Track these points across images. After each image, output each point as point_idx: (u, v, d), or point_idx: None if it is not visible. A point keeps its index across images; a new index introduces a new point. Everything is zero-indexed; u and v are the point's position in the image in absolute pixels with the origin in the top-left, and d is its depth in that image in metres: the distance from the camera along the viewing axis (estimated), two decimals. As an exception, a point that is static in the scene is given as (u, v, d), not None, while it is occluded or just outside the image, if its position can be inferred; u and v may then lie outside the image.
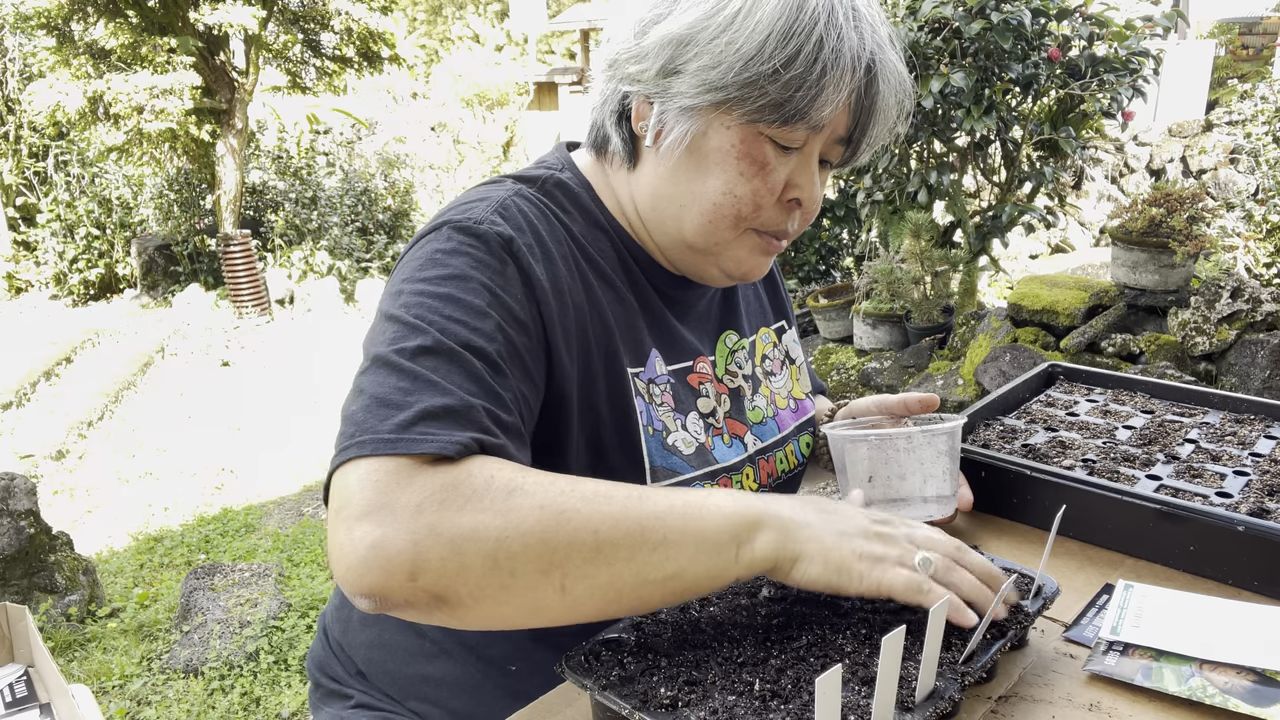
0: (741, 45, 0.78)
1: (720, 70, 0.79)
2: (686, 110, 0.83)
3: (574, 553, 0.66)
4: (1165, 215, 3.63)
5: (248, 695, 2.58)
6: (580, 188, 0.94)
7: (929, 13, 3.79)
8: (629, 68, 0.84)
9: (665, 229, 0.91)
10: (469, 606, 0.66)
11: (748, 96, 0.79)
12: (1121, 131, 7.77)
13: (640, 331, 0.93)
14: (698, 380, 0.98)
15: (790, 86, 0.78)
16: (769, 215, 0.88)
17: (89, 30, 6.78)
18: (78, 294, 8.56)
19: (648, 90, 0.84)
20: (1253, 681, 0.73)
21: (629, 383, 0.89)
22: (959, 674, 0.68)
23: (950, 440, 0.95)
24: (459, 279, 0.78)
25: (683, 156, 0.85)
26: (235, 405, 5.61)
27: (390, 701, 1.03)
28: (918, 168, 4.40)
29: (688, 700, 0.65)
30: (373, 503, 0.65)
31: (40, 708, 1.38)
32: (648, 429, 0.89)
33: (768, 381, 1.08)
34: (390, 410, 0.69)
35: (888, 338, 4.69)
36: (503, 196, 0.86)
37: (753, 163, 0.84)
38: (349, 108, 10.36)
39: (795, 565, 0.71)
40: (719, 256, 0.91)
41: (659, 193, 0.89)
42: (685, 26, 0.80)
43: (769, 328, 1.13)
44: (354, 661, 1.06)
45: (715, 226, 0.87)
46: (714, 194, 0.85)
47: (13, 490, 2.92)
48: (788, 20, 0.77)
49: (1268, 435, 1.14)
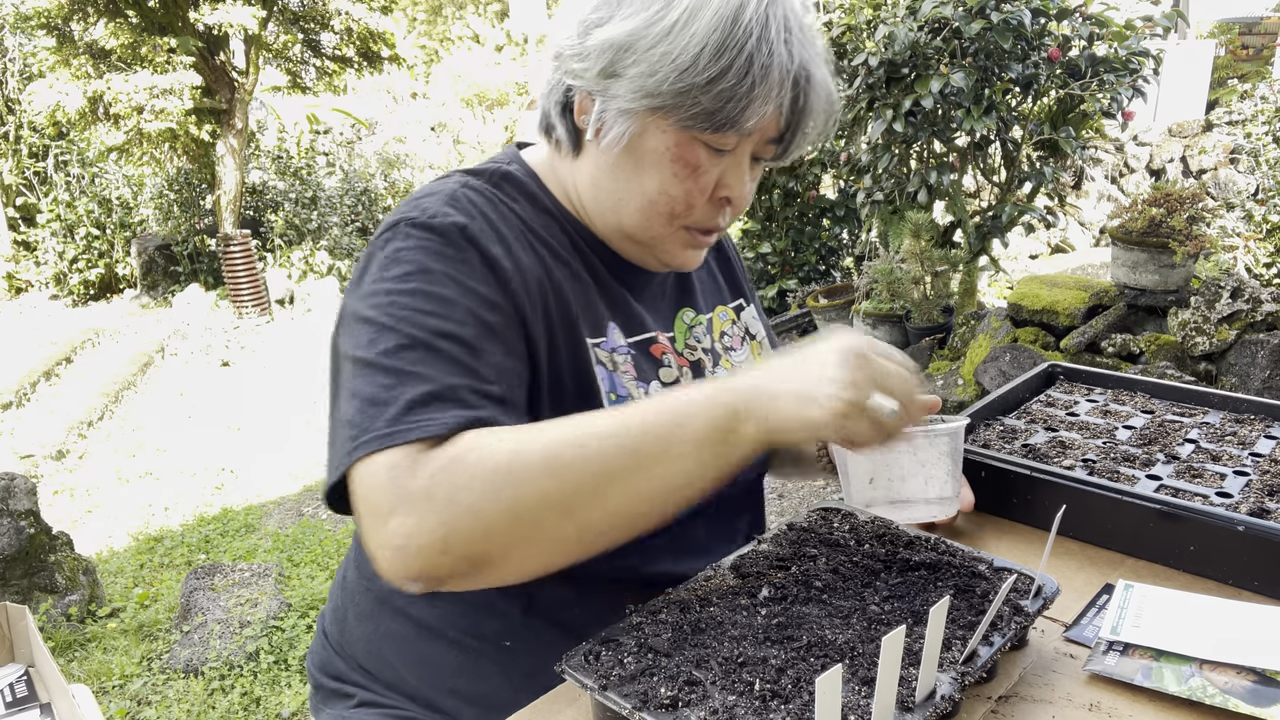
0: (677, 57, 0.81)
1: (657, 79, 0.82)
2: (625, 112, 0.86)
3: (580, 490, 0.72)
4: (1165, 215, 3.63)
5: (248, 695, 2.58)
6: (526, 177, 0.98)
7: (929, 13, 3.79)
8: (572, 64, 0.88)
9: (605, 218, 0.96)
10: (500, 562, 0.72)
11: (682, 105, 0.83)
12: (1121, 131, 7.77)
13: (597, 305, 0.97)
14: (660, 351, 1.02)
15: (721, 98, 0.82)
16: (701, 213, 0.92)
17: (89, 30, 6.78)
18: (78, 294, 8.56)
19: (589, 87, 0.87)
20: (1253, 681, 0.73)
21: (589, 353, 0.93)
22: (959, 674, 0.68)
23: (952, 441, 0.95)
24: (423, 273, 0.82)
25: (621, 154, 0.89)
26: (235, 405, 5.61)
27: (393, 695, 1.03)
28: (918, 168, 4.40)
29: (688, 700, 0.65)
30: (391, 497, 0.71)
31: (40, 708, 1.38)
32: (610, 395, 0.93)
33: (728, 356, 1.12)
34: (380, 408, 0.75)
35: (888, 338, 4.69)
36: (452, 188, 0.91)
37: (686, 165, 0.88)
38: (349, 108, 10.36)
39: (778, 435, 0.74)
40: (654, 248, 0.97)
41: (599, 184, 0.94)
42: (625, 34, 0.83)
43: (726, 305, 1.17)
44: (355, 658, 1.07)
45: (651, 222, 0.92)
46: (650, 192, 0.90)
47: (13, 490, 2.92)
48: (722, 35, 0.80)
49: (1268, 435, 1.14)
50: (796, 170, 5.45)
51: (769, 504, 3.78)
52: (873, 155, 4.29)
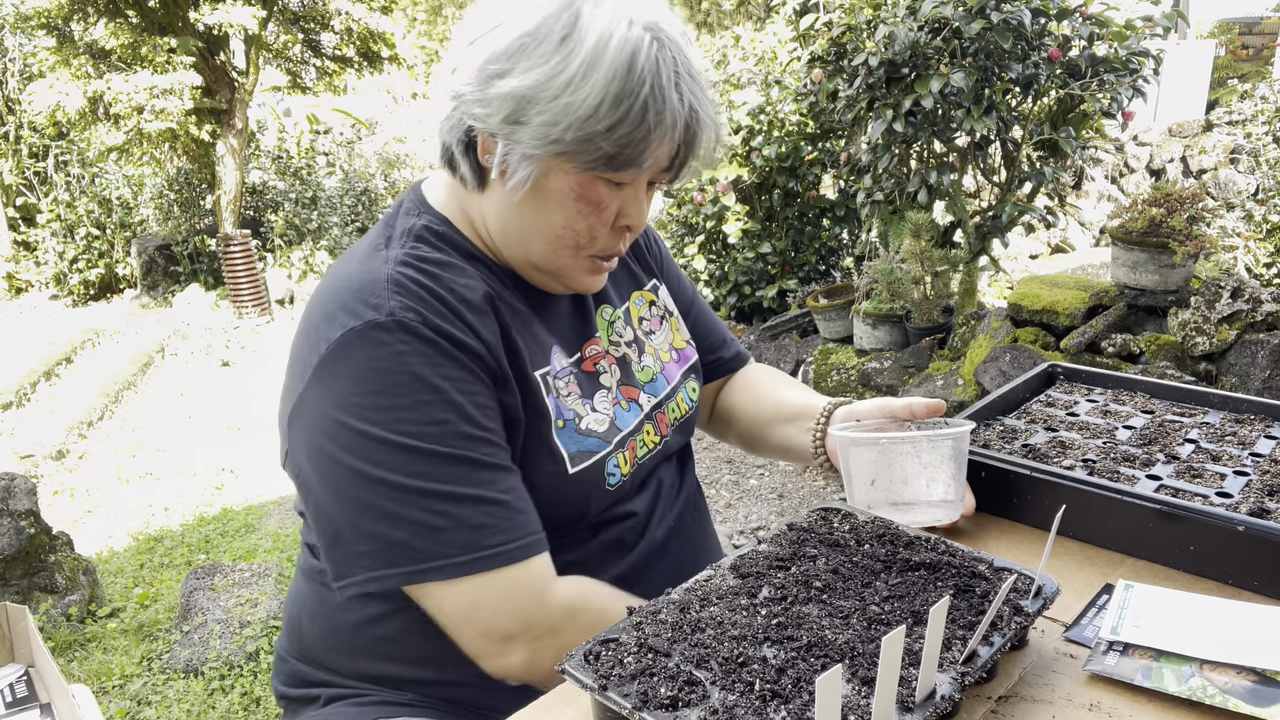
0: (577, 108, 0.86)
1: (560, 128, 0.87)
2: (528, 156, 0.90)
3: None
4: (1165, 215, 3.63)
5: (248, 695, 2.58)
6: (441, 225, 1.02)
7: (929, 13, 3.78)
8: (474, 109, 0.91)
9: (512, 251, 1.01)
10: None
11: (583, 150, 0.89)
12: (1121, 131, 7.76)
13: (539, 334, 1.02)
14: (593, 362, 1.08)
15: (620, 143, 0.88)
16: (604, 242, 0.99)
17: (89, 30, 6.77)
18: (78, 294, 8.55)
19: (492, 130, 0.91)
20: (1253, 681, 0.73)
21: (538, 384, 0.99)
22: (959, 674, 0.68)
23: (956, 445, 0.95)
24: (413, 381, 0.88)
25: (527, 195, 0.94)
26: (235, 405, 5.61)
27: (358, 683, 1.06)
28: (918, 168, 4.40)
29: (688, 700, 0.65)
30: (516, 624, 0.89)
31: (40, 708, 1.38)
32: (558, 422, 0.99)
33: (649, 340, 1.18)
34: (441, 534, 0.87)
35: (888, 338, 4.69)
36: (389, 273, 0.93)
37: (588, 203, 0.94)
38: (349, 108, 10.36)
39: None
40: (560, 276, 1.02)
41: (505, 220, 0.98)
42: (528, 87, 0.87)
43: (641, 290, 1.22)
44: (315, 659, 1.09)
45: (558, 254, 0.98)
46: (555, 228, 0.95)
47: (13, 490, 2.92)
48: (619, 84, 0.86)
49: (1268, 435, 1.14)
50: (797, 170, 5.45)
51: (769, 504, 3.78)
52: (873, 155, 4.29)
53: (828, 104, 4.47)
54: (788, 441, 1.22)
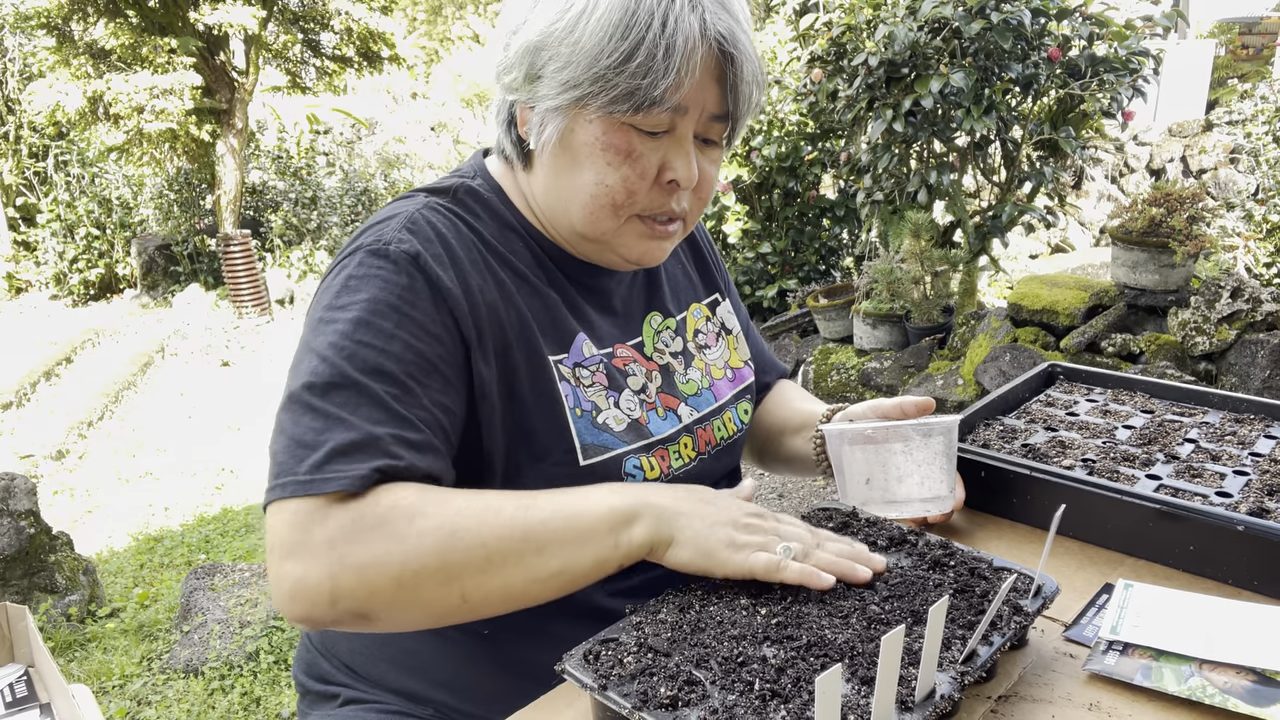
0: (585, 43, 0.83)
1: (571, 69, 0.84)
2: (552, 111, 0.88)
3: (468, 567, 0.76)
4: (1165, 215, 3.63)
5: (248, 695, 2.58)
6: (490, 192, 0.99)
7: (929, 13, 3.78)
8: (504, 78, 0.90)
9: (560, 223, 0.97)
10: (383, 619, 0.77)
11: (600, 91, 0.84)
12: (1121, 131, 7.76)
13: (564, 321, 0.98)
14: (622, 363, 1.03)
15: (635, 75, 0.83)
16: (647, 199, 0.92)
17: (89, 30, 6.77)
18: (78, 294, 8.56)
19: (523, 97, 0.90)
20: (1252, 681, 0.73)
21: (551, 369, 0.95)
22: (959, 673, 0.68)
23: (947, 440, 0.95)
24: (368, 302, 0.84)
25: (558, 154, 0.91)
26: (235, 405, 5.61)
27: (377, 690, 1.04)
28: (918, 168, 4.40)
29: (688, 700, 0.65)
30: (293, 542, 0.75)
31: (40, 708, 1.38)
32: (575, 410, 0.95)
33: (702, 355, 1.13)
34: (305, 450, 0.78)
35: (888, 338, 4.69)
36: (411, 211, 0.92)
37: (618, 152, 0.88)
38: (349, 108, 10.36)
39: (669, 549, 0.81)
40: (610, 244, 0.96)
41: (549, 190, 0.95)
42: (538, 33, 0.86)
43: (700, 303, 1.18)
44: (338, 657, 1.08)
45: (597, 216, 0.92)
46: (589, 186, 0.91)
47: (13, 490, 2.92)
48: (625, 14, 0.82)
49: (1267, 435, 1.14)
50: (797, 170, 5.45)
51: (769, 504, 3.78)
52: (873, 155, 4.29)
53: (827, 104, 4.47)
54: (793, 452, 1.22)
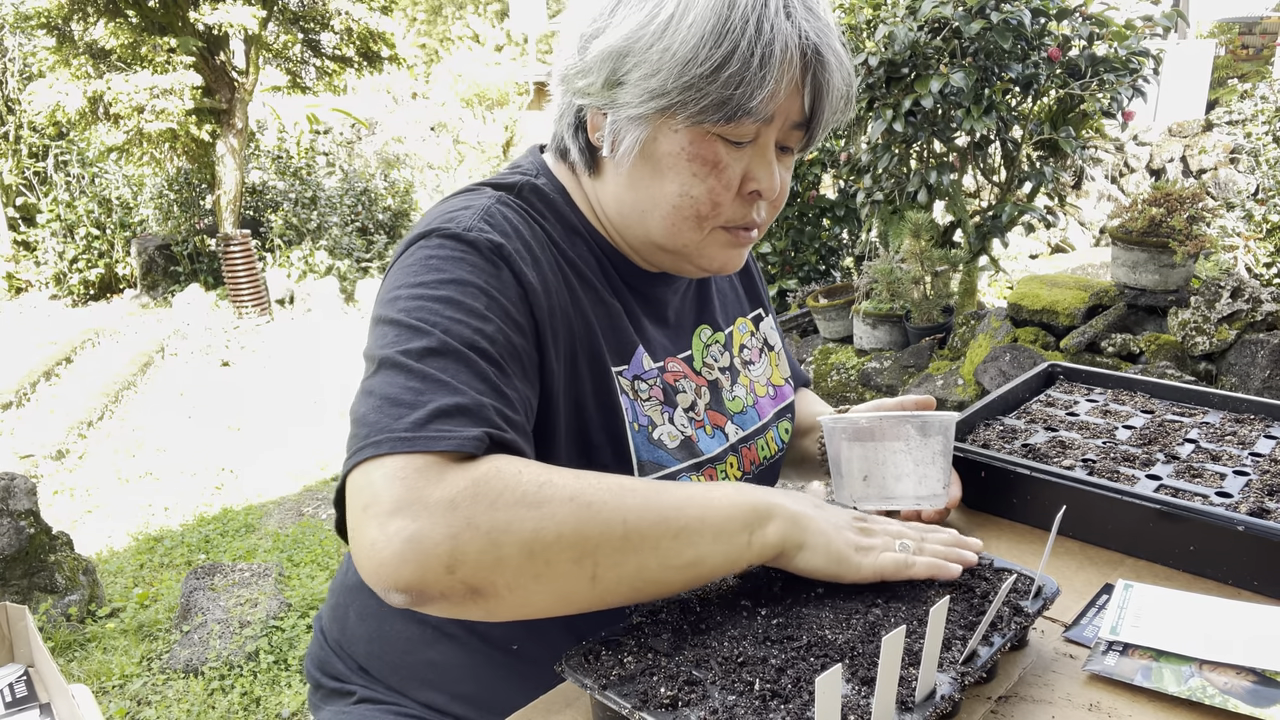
0: (676, 50, 0.79)
1: (660, 77, 0.80)
2: (634, 119, 0.84)
3: (605, 542, 0.70)
4: (1165, 215, 3.63)
5: (248, 695, 2.58)
6: (555, 193, 0.95)
7: (929, 13, 3.78)
8: (577, 82, 0.86)
9: (633, 233, 0.93)
10: (503, 597, 0.68)
11: (689, 100, 0.80)
12: (1121, 131, 7.77)
13: (625, 331, 0.95)
14: (673, 378, 1.00)
15: (729, 85, 0.79)
16: (730, 211, 0.89)
17: (89, 30, 6.77)
18: (78, 294, 8.55)
19: (597, 102, 0.86)
20: (1253, 682, 0.73)
21: (614, 381, 0.92)
22: (959, 674, 0.68)
23: (945, 439, 0.95)
24: (456, 283, 0.80)
25: (637, 163, 0.87)
26: (235, 405, 5.61)
27: (394, 694, 1.03)
28: (918, 168, 4.40)
29: (688, 700, 0.65)
30: (404, 499, 0.66)
31: (40, 708, 1.38)
32: (633, 425, 0.92)
33: (746, 371, 1.11)
34: (403, 409, 0.71)
35: (888, 338, 4.69)
36: (486, 204, 0.88)
37: (704, 163, 0.85)
38: (349, 108, 10.36)
39: (800, 553, 0.78)
40: (690, 256, 0.93)
41: (622, 199, 0.91)
42: (622, 38, 0.81)
43: (745, 317, 1.15)
44: (354, 658, 1.06)
45: (679, 228, 0.89)
46: (672, 197, 0.87)
47: (13, 490, 2.92)
48: (719, 20, 0.78)
49: (1268, 435, 1.14)
50: (797, 170, 5.45)
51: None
52: (873, 155, 4.29)
53: (828, 104, 4.47)
54: (801, 453, 1.23)
